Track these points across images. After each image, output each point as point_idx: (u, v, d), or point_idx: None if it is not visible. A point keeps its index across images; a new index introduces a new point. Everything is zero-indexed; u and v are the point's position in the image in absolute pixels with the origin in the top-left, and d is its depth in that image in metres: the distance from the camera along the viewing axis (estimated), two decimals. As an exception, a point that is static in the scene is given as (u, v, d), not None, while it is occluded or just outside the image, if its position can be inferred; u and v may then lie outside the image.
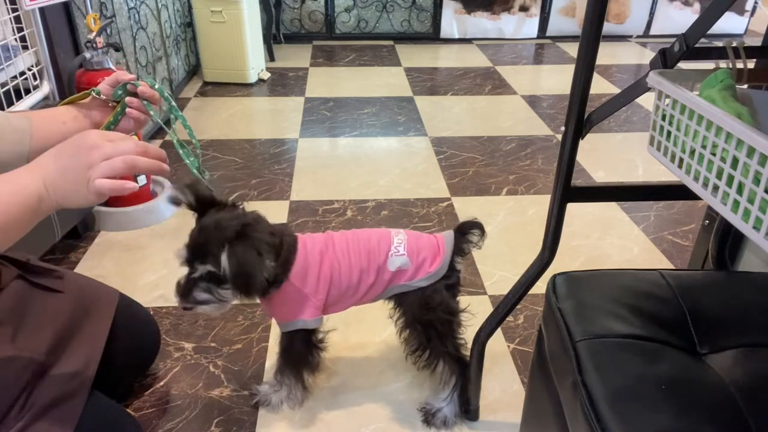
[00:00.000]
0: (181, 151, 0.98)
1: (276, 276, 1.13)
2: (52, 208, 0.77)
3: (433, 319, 1.20)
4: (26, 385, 0.96)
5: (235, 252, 1.02)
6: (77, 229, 1.97)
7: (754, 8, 4.62)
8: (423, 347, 1.23)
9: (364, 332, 1.58)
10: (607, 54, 4.30)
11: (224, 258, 1.02)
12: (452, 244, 1.21)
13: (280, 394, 1.32)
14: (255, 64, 3.52)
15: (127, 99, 0.98)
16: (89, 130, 0.81)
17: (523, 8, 4.58)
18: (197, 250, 1.05)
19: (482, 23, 4.59)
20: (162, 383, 1.41)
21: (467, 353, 1.26)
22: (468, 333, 1.25)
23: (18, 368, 0.97)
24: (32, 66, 1.82)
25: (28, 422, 0.93)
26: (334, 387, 1.41)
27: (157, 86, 1.01)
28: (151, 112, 1.01)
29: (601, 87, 3.62)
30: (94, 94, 0.99)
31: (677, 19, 4.66)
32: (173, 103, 1.02)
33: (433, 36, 4.61)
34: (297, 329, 1.20)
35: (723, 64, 0.81)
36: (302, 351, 1.26)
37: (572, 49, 4.41)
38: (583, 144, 0.98)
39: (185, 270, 1.08)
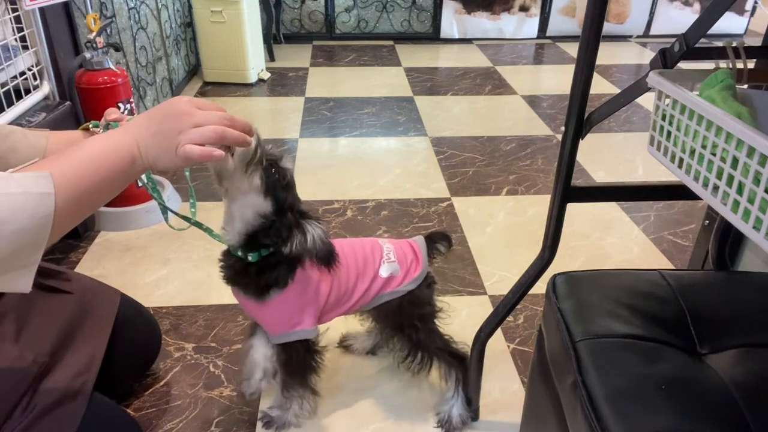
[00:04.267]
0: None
1: (284, 274, 1.09)
2: (143, 170, 0.79)
3: (423, 314, 1.23)
4: (30, 385, 0.96)
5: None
6: (77, 229, 1.97)
7: (754, 8, 4.62)
8: (414, 349, 1.24)
9: (364, 332, 1.58)
10: (607, 54, 4.30)
11: (288, 163, 1.03)
12: (425, 248, 1.25)
13: (293, 409, 1.26)
14: (255, 64, 3.52)
15: None
16: (180, 96, 0.82)
17: (523, 8, 4.58)
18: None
19: (482, 23, 4.59)
20: (162, 383, 1.41)
21: (459, 347, 1.28)
22: (468, 333, 1.26)
23: (22, 369, 0.97)
24: (32, 66, 1.82)
25: (31, 423, 0.93)
26: (333, 387, 1.41)
27: None
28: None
29: (601, 87, 3.63)
30: (92, 126, 1.01)
31: (677, 19, 4.66)
32: None
33: (433, 36, 4.61)
34: (293, 340, 1.16)
35: (723, 64, 0.81)
36: (304, 359, 1.20)
37: (572, 49, 4.41)
38: (583, 144, 0.98)
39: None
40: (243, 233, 1.04)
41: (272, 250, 1.05)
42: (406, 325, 1.22)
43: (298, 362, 1.20)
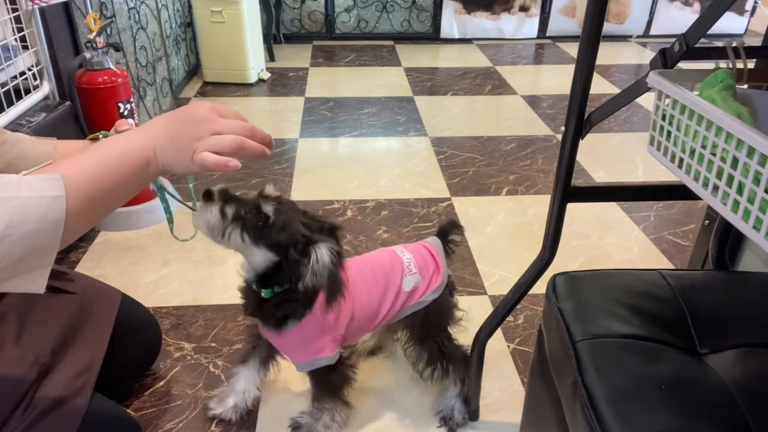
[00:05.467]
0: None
1: (302, 306, 1.07)
2: (157, 173, 0.78)
3: (448, 323, 1.23)
4: (30, 386, 0.96)
5: (338, 254, 0.99)
6: (77, 229, 1.97)
7: (754, 8, 4.62)
8: (438, 359, 1.24)
9: (364, 332, 1.58)
10: (607, 54, 4.30)
11: (269, 206, 0.97)
12: (442, 249, 1.24)
13: (324, 420, 1.23)
14: (255, 64, 3.52)
15: None
16: (201, 101, 0.82)
17: (523, 8, 4.58)
18: (278, 206, 0.99)
19: (482, 23, 4.59)
20: (162, 383, 1.41)
21: (465, 348, 1.28)
22: (468, 333, 1.26)
23: (23, 369, 0.97)
24: (32, 66, 1.82)
25: (32, 423, 0.93)
26: (334, 387, 1.41)
27: None
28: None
29: (601, 87, 3.63)
30: (101, 136, 1.01)
31: (677, 19, 4.66)
32: None
33: (433, 36, 4.61)
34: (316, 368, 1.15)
35: (723, 64, 0.81)
36: (333, 377, 1.18)
37: (572, 49, 4.41)
38: (583, 144, 0.98)
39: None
40: (255, 273, 1.05)
41: (286, 287, 1.04)
42: (433, 334, 1.22)
43: (327, 380, 1.18)
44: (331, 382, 1.19)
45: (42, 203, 0.66)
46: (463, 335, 1.30)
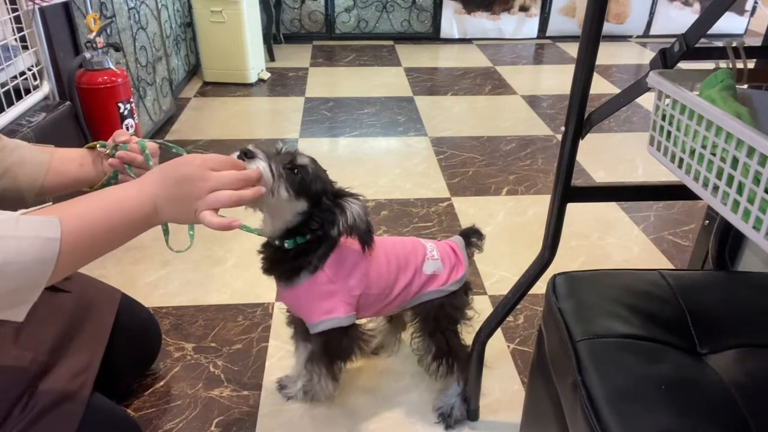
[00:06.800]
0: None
1: (316, 259, 1.10)
2: (156, 224, 0.81)
3: (458, 318, 1.24)
4: (29, 385, 0.96)
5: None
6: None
7: (754, 8, 4.62)
8: (446, 355, 1.24)
9: (364, 332, 1.58)
10: (607, 54, 4.30)
11: (304, 158, 1.05)
12: (464, 247, 1.26)
13: (302, 381, 1.26)
14: (255, 64, 3.52)
15: (110, 161, 1.01)
16: (191, 155, 0.83)
17: (523, 8, 4.58)
18: (309, 157, 1.06)
19: (482, 23, 4.59)
20: (162, 383, 1.41)
21: (468, 347, 1.28)
22: (469, 333, 1.26)
23: (21, 368, 0.97)
24: (32, 66, 1.82)
25: (30, 422, 0.93)
26: (334, 387, 1.41)
27: (147, 143, 1.02)
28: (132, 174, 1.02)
29: (601, 87, 3.62)
30: (98, 146, 1.02)
31: (677, 19, 4.66)
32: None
33: (433, 36, 4.61)
34: (329, 329, 1.14)
35: (723, 64, 0.81)
36: (342, 347, 1.19)
37: (572, 49, 4.41)
38: (583, 144, 0.98)
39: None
40: (283, 229, 1.08)
41: (308, 238, 1.08)
42: (443, 328, 1.23)
43: (335, 350, 1.20)
44: (333, 354, 1.21)
45: (37, 244, 0.68)
46: (465, 335, 1.30)
